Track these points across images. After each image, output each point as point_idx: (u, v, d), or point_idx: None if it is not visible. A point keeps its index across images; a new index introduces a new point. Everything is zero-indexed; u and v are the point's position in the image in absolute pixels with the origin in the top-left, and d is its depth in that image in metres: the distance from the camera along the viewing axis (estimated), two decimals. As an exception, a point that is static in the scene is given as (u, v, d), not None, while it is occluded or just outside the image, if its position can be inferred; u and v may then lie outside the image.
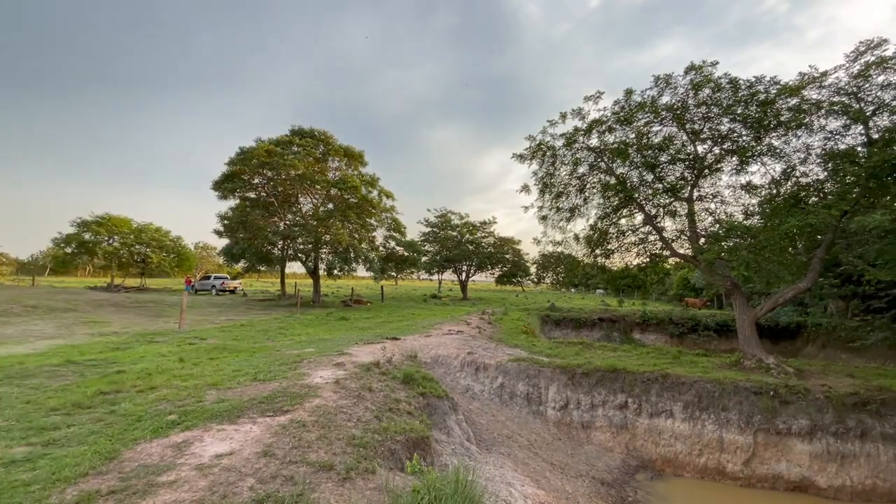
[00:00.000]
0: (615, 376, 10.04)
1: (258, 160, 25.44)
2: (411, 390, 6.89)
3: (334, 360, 8.27)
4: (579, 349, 13.36)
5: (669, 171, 13.40)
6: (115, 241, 38.73)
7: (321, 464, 3.90)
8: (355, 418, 5.20)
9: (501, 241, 40.24)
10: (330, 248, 28.12)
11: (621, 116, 13.19)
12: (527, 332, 17.47)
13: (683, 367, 10.60)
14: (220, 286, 35.96)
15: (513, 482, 6.31)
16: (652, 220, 13.77)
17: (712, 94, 11.85)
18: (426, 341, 13.02)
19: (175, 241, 43.52)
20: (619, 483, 8.28)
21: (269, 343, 11.61)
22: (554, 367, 10.52)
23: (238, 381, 6.47)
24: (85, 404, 5.31)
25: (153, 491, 3.22)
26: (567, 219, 14.98)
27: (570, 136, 14.03)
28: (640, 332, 24.01)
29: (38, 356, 8.91)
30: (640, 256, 14.76)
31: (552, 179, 14.83)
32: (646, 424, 9.48)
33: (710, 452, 8.85)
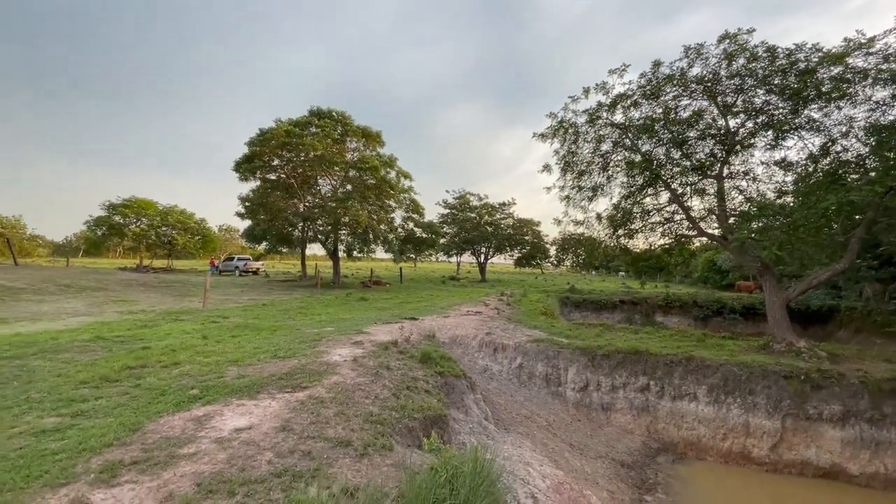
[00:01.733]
0: (637, 358, 9.84)
1: (277, 141, 25.52)
2: (429, 369, 6.87)
3: (353, 338, 8.31)
4: (600, 331, 13.14)
5: (698, 148, 12.82)
6: (143, 223, 39.84)
7: (338, 439, 3.89)
8: (373, 396, 5.19)
9: (521, 222, 39.75)
10: (349, 230, 28.27)
11: (648, 90, 12.61)
12: (546, 313, 17.29)
13: (708, 349, 10.30)
14: (243, 267, 36.74)
15: (531, 462, 6.27)
16: (678, 199, 13.27)
17: (747, 63, 11.18)
18: (444, 322, 13.01)
19: (199, 223, 44.49)
20: (639, 465, 8.18)
21: (289, 322, 11.78)
22: (574, 349, 10.37)
23: (258, 358, 6.55)
24: (112, 378, 5.45)
25: (174, 462, 3.26)
26: (589, 198, 14.57)
27: (593, 112, 13.53)
28: (662, 315, 23.52)
29: (70, 332, 9.23)
30: (665, 237, 14.32)
31: (574, 158, 14.39)
32: (668, 407, 9.30)
33: (735, 437, 8.63)
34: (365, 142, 29.59)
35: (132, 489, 2.89)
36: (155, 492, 2.87)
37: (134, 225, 39.46)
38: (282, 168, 28.27)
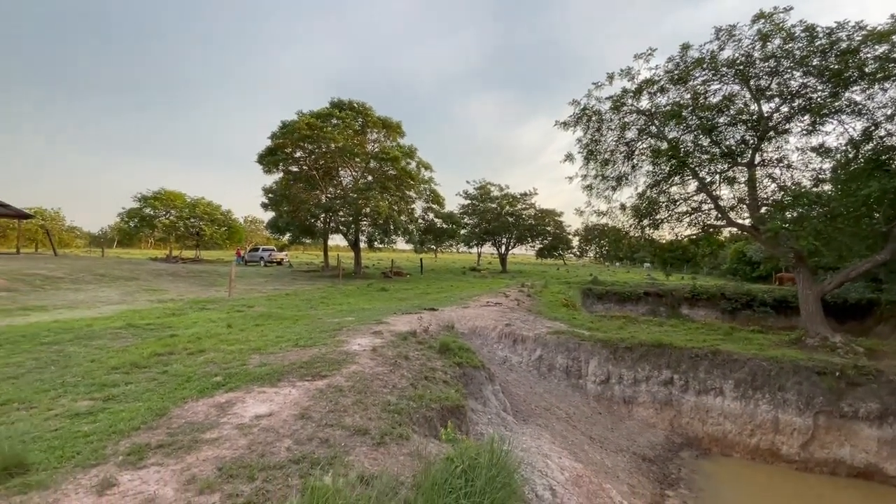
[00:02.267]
0: (661, 351, 9.62)
1: (299, 133, 25.81)
2: (447, 360, 6.87)
3: (372, 328, 8.39)
4: (622, 323, 12.90)
5: (728, 134, 12.33)
6: (172, 215, 41.15)
7: (356, 428, 3.93)
8: (391, 385, 5.22)
9: (542, 213, 39.23)
10: (370, 221, 28.49)
11: (675, 75, 12.15)
12: (567, 305, 17.09)
13: (736, 343, 9.99)
14: (267, 258, 37.55)
15: (550, 454, 6.22)
16: (707, 188, 12.82)
17: (783, 44, 10.62)
18: (464, 312, 13.00)
19: (225, 215, 45.67)
20: (661, 460, 8.03)
21: (311, 312, 11.98)
22: (595, 341, 10.22)
23: (280, 346, 6.68)
24: (141, 364, 5.65)
25: (197, 447, 3.35)
26: (613, 188, 14.24)
27: (617, 99, 13.16)
28: (688, 308, 22.93)
29: (103, 320, 9.63)
30: (692, 227, 13.88)
31: (597, 146, 14.06)
32: (692, 402, 9.08)
33: (763, 433, 8.37)
34: (385, 133, 29.65)
35: (157, 471, 2.99)
36: (179, 474, 2.95)
37: (164, 217, 40.82)
38: (304, 160, 28.62)
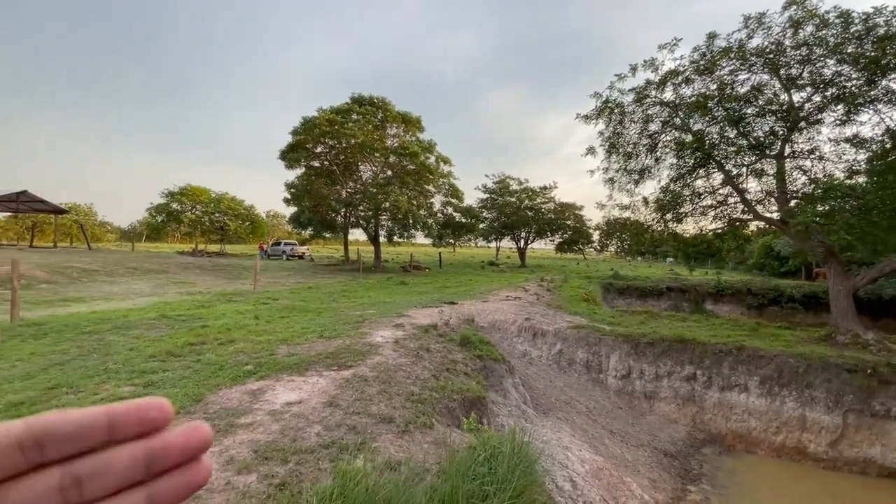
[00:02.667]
0: (683, 347, 9.51)
1: (320, 129, 26.15)
2: (468, 352, 6.97)
3: (394, 321, 8.54)
4: (644, 318, 12.76)
5: (756, 126, 11.97)
6: (197, 210, 42.30)
7: (381, 416, 4.07)
8: (414, 376, 5.35)
9: (562, 206, 38.81)
10: (389, 215, 28.74)
11: (701, 65, 11.86)
12: (587, 300, 16.97)
13: (762, 339, 9.78)
14: (289, 252, 38.28)
15: (570, 446, 6.27)
16: (733, 181, 12.51)
17: (816, 31, 10.25)
18: (483, 306, 13.06)
19: (249, 210, 46.67)
20: (683, 455, 7.98)
21: (333, 304, 12.24)
22: (616, 336, 10.16)
23: (306, 337, 6.88)
24: (176, 353, 5.92)
25: (233, 431, 3.53)
26: (636, 181, 14.01)
27: (640, 91, 12.91)
28: (712, 303, 22.47)
29: (138, 311, 10.05)
30: (717, 221, 13.57)
31: (620, 139, 13.84)
32: (716, 398, 8.96)
33: (789, 431, 8.22)
34: (405, 127, 29.78)
35: (198, 453, 3.17)
36: (217, 456, 3.13)
37: (189, 211, 42.00)
38: (324, 155, 29.01)
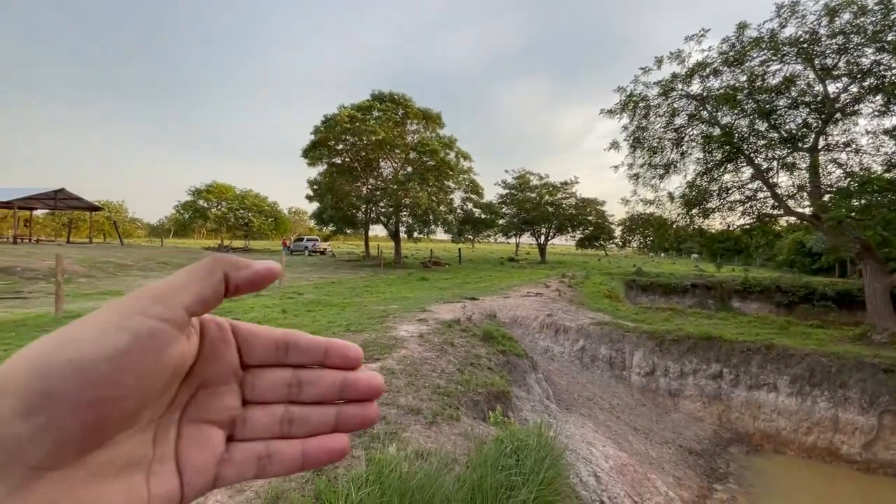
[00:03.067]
0: (709, 344, 9.35)
1: (341, 126, 26.47)
2: (491, 347, 7.04)
3: (417, 316, 8.66)
4: (668, 315, 12.59)
5: (788, 118, 11.63)
6: (223, 207, 43.42)
7: (410, 407, 4.18)
8: (439, 369, 5.45)
9: (583, 202, 38.34)
10: (410, 212, 28.94)
11: (730, 56, 11.56)
12: (610, 296, 16.80)
13: (792, 338, 9.55)
14: (311, 247, 38.97)
15: (593, 442, 6.29)
16: (763, 175, 12.17)
17: (853, 19, 9.87)
18: (504, 302, 13.09)
19: (272, 206, 47.64)
20: (709, 454, 7.89)
21: (356, 299, 12.46)
22: (640, 333, 10.06)
23: (333, 331, 7.06)
24: (211, 344, 6.17)
25: (270, 418, 3.69)
26: (661, 176, 13.77)
27: (666, 84, 12.67)
28: (739, 301, 21.93)
29: (171, 304, 10.46)
30: (746, 216, 13.24)
31: (644, 133, 13.62)
32: (743, 397, 8.80)
33: (820, 431, 8.02)
34: (425, 124, 29.86)
35: (238, 438, 3.34)
36: (257, 442, 3.29)
37: (215, 208, 43.15)
38: (346, 152, 29.35)
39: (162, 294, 0.29)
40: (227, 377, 0.33)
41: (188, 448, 0.31)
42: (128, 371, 0.26)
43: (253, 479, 0.33)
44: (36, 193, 28.38)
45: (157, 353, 0.27)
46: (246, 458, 0.32)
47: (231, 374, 0.34)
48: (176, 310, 0.28)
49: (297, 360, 0.35)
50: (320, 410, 0.35)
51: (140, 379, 0.26)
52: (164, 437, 0.30)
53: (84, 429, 0.24)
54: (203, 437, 0.31)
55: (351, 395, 0.36)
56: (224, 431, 0.33)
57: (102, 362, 0.25)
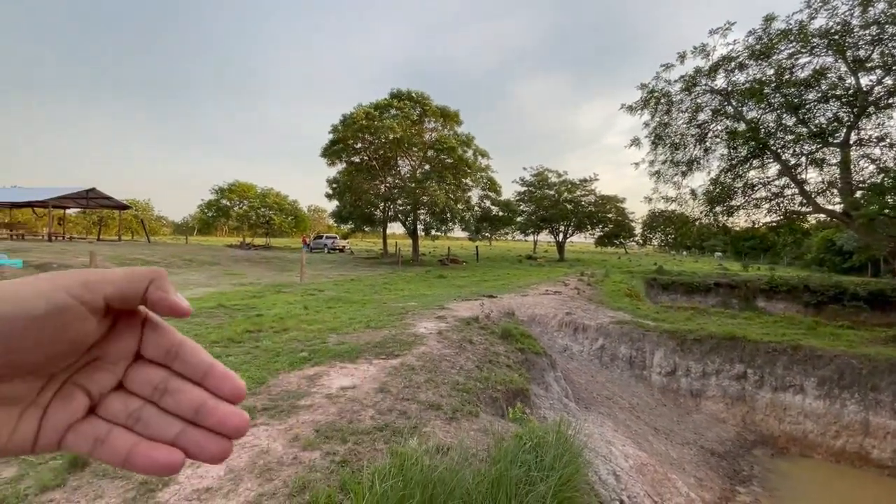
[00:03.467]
0: (733, 344, 9.17)
1: (358, 125, 26.72)
2: (510, 345, 7.05)
3: (436, 313, 8.74)
4: (690, 314, 12.37)
5: (818, 112, 11.25)
6: (245, 205, 44.34)
7: (430, 403, 4.25)
8: (458, 366, 5.51)
9: (603, 199, 37.81)
10: (427, 210, 29.05)
11: (757, 49, 11.25)
12: (630, 295, 16.58)
13: (821, 339, 9.27)
14: (331, 245, 39.47)
15: (613, 441, 6.26)
16: (791, 172, 11.83)
17: (889, 8, 9.50)
18: (522, 300, 13.07)
19: (292, 205, 48.40)
20: (731, 455, 7.75)
21: (376, 296, 12.61)
22: (661, 332, 9.93)
23: (353, 327, 7.19)
24: (236, 340, 6.36)
25: (296, 412, 3.81)
26: (683, 173, 13.51)
27: (689, 79, 12.41)
28: (765, 301, 21.35)
29: (197, 300, 10.77)
30: (772, 214, 12.88)
31: (666, 130, 13.37)
32: (768, 398, 8.61)
33: (849, 435, 7.80)
34: (443, 122, 29.90)
35: (266, 430, 3.46)
36: (284, 433, 3.41)
37: (237, 207, 44.10)
38: (364, 151, 29.62)
39: (90, 280, 0.34)
40: (119, 360, 0.37)
41: (56, 403, 0.35)
42: (34, 333, 0.31)
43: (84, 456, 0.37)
44: (69, 193, 29.49)
45: (64, 326, 0.32)
46: (87, 432, 0.35)
47: (122, 359, 0.37)
48: (95, 296, 0.33)
49: (180, 369, 0.37)
50: (167, 421, 0.36)
51: (42, 342, 0.32)
52: (48, 389, 0.35)
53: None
54: (72, 399, 0.35)
55: (203, 421, 0.36)
56: (88, 402, 0.36)
57: (18, 321, 0.31)
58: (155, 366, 0.37)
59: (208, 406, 0.36)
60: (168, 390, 0.36)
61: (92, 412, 0.36)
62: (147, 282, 0.35)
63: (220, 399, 0.37)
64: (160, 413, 0.36)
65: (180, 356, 0.37)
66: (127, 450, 0.34)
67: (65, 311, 0.32)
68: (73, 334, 0.33)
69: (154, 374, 0.37)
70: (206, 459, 0.35)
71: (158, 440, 0.35)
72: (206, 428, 0.36)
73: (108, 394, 0.36)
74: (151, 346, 0.37)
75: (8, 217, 36.27)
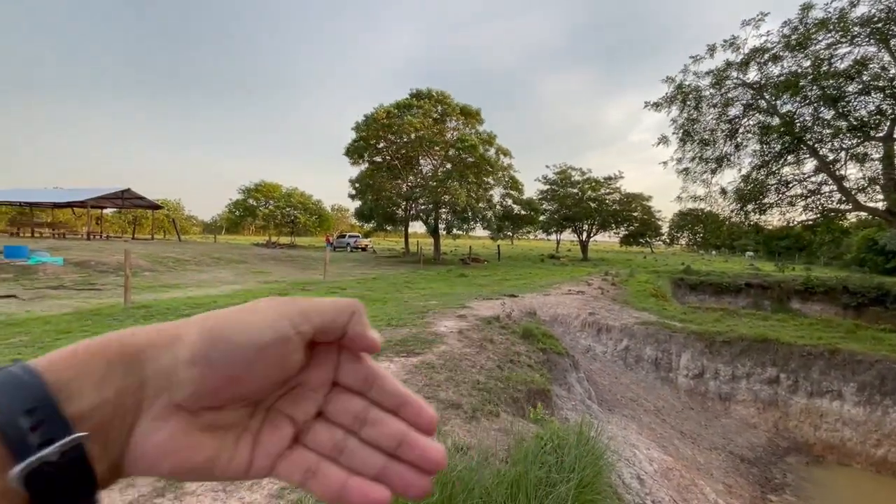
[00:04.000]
0: (765, 347, 8.83)
1: (379, 124, 26.94)
2: (531, 345, 6.98)
3: (457, 312, 8.73)
4: (719, 316, 11.98)
5: (859, 104, 10.71)
6: (270, 205, 45.39)
7: (450, 402, 4.24)
8: (478, 365, 5.49)
9: (628, 197, 37.04)
10: (449, 209, 29.07)
11: (793, 40, 10.78)
12: (656, 295, 16.18)
13: (861, 342, 8.83)
14: (353, 244, 39.99)
15: (637, 444, 6.13)
16: (829, 167, 11.30)
17: (937, -6, 8.96)
18: (544, 300, 12.92)
19: (316, 204, 49.28)
20: (763, 462, 7.47)
21: (397, 295, 12.69)
22: (688, 333, 9.65)
23: (375, 325, 7.24)
24: (261, 335, 6.50)
25: (317, 407, 3.87)
26: (712, 171, 13.07)
27: (719, 73, 12.01)
28: (800, 302, 20.48)
29: (225, 297, 11.08)
30: (808, 212, 12.34)
31: (695, 126, 12.96)
32: (803, 404, 8.26)
33: (892, 444, 7.40)
34: (464, 120, 29.86)
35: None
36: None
37: (263, 206, 45.19)
38: (386, 150, 29.87)
39: (305, 311, 0.34)
40: (319, 387, 0.37)
41: (266, 431, 0.35)
42: (259, 362, 0.32)
43: (295, 486, 0.36)
44: (105, 193, 30.84)
45: (284, 355, 0.33)
46: (298, 462, 0.35)
47: (322, 386, 0.37)
48: (306, 326, 0.34)
49: (375, 397, 0.37)
50: (369, 453, 0.35)
51: (265, 369, 0.33)
52: (257, 416, 0.35)
53: (216, 390, 0.32)
54: (279, 426, 0.36)
55: (405, 455, 0.35)
56: (293, 430, 0.36)
57: (250, 348, 0.32)
58: (352, 394, 0.37)
59: (409, 438, 0.35)
60: (369, 421, 0.36)
61: (297, 441, 0.36)
62: (350, 314, 0.36)
63: (418, 431, 0.36)
64: (362, 445, 0.36)
65: (376, 384, 0.37)
66: (340, 485, 0.34)
67: (287, 340, 0.33)
68: (290, 362, 0.34)
69: (353, 402, 0.37)
70: (409, 496, 0.35)
71: (363, 473, 0.35)
72: (405, 461, 0.35)
73: (311, 422, 0.37)
74: (349, 373, 0.37)
75: (50, 217, 38.17)
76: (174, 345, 0.32)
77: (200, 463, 0.32)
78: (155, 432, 0.31)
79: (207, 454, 0.33)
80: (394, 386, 0.37)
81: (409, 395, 0.37)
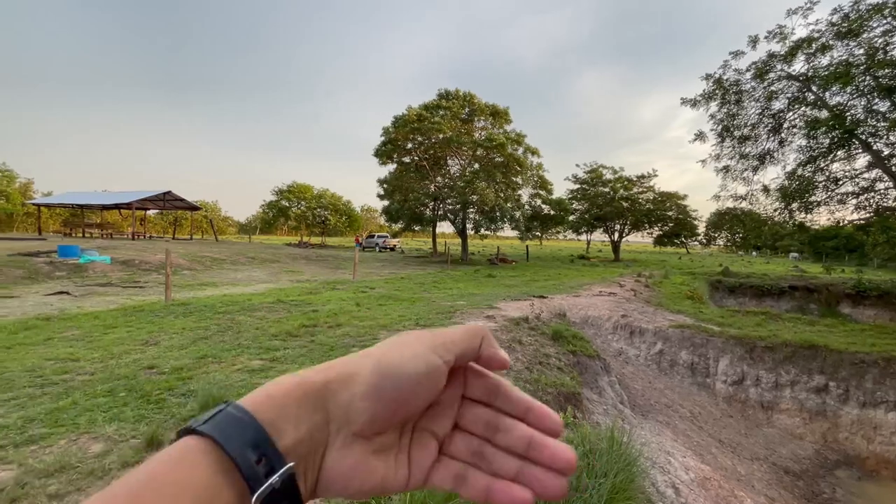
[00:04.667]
0: (812, 354, 8.36)
1: (409, 126, 27.15)
2: (561, 347, 6.86)
3: (485, 312, 8.68)
4: (761, 320, 11.42)
5: (918, 95, 9.98)
6: (302, 206, 46.54)
7: (478, 403, 4.21)
8: (507, 367, 5.42)
9: (662, 196, 35.89)
10: (477, 209, 28.97)
11: (844, 28, 10.17)
12: (692, 297, 15.60)
13: (920, 351, 8.23)
14: (382, 244, 40.47)
15: (672, 451, 5.91)
16: (883, 163, 10.59)
17: None
18: (575, 301, 12.68)
19: (346, 205, 50.17)
20: (809, 475, 7.07)
21: (425, 295, 12.74)
22: (727, 338, 9.25)
23: (403, 324, 7.31)
24: (294, 333, 6.66)
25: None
26: (754, 168, 12.51)
27: (762, 65, 11.46)
28: (850, 306, 19.27)
29: (259, 296, 11.42)
30: (860, 211, 11.60)
31: (735, 121, 12.42)
32: (854, 415, 7.77)
33: (956, 461, 6.86)
34: (492, 120, 29.70)
35: (319, 421, 3.58)
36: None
37: (296, 207, 46.38)
38: (414, 151, 30.07)
39: (446, 343, 0.39)
40: (452, 402, 0.41)
41: (415, 447, 0.40)
42: (418, 389, 0.37)
43: (449, 490, 0.40)
44: (149, 196, 32.44)
45: (435, 382, 0.38)
46: (447, 471, 0.39)
47: (455, 401, 0.41)
48: (449, 355, 0.38)
49: (501, 406, 0.40)
50: (504, 457, 0.39)
51: (420, 395, 0.37)
52: (405, 436, 0.40)
53: (386, 417, 0.36)
54: (425, 442, 0.40)
55: (535, 457, 0.38)
56: (437, 443, 0.40)
57: (411, 379, 0.36)
58: (480, 405, 0.41)
59: (537, 441, 0.38)
60: (499, 427, 0.40)
61: (441, 452, 0.41)
62: (480, 339, 0.41)
63: (545, 434, 0.39)
64: (496, 450, 0.39)
65: (501, 394, 0.41)
66: (486, 487, 0.38)
67: (436, 370, 0.37)
68: (438, 386, 0.38)
69: (482, 412, 0.41)
70: (546, 496, 0.37)
71: (502, 476, 0.38)
72: (539, 463, 0.38)
73: (450, 434, 0.41)
74: (476, 387, 0.42)
75: (99, 218, 40.42)
76: (349, 381, 0.36)
77: (377, 482, 0.37)
78: (342, 459, 0.36)
79: (381, 473, 0.37)
80: (517, 394, 0.41)
81: (532, 401, 0.40)
